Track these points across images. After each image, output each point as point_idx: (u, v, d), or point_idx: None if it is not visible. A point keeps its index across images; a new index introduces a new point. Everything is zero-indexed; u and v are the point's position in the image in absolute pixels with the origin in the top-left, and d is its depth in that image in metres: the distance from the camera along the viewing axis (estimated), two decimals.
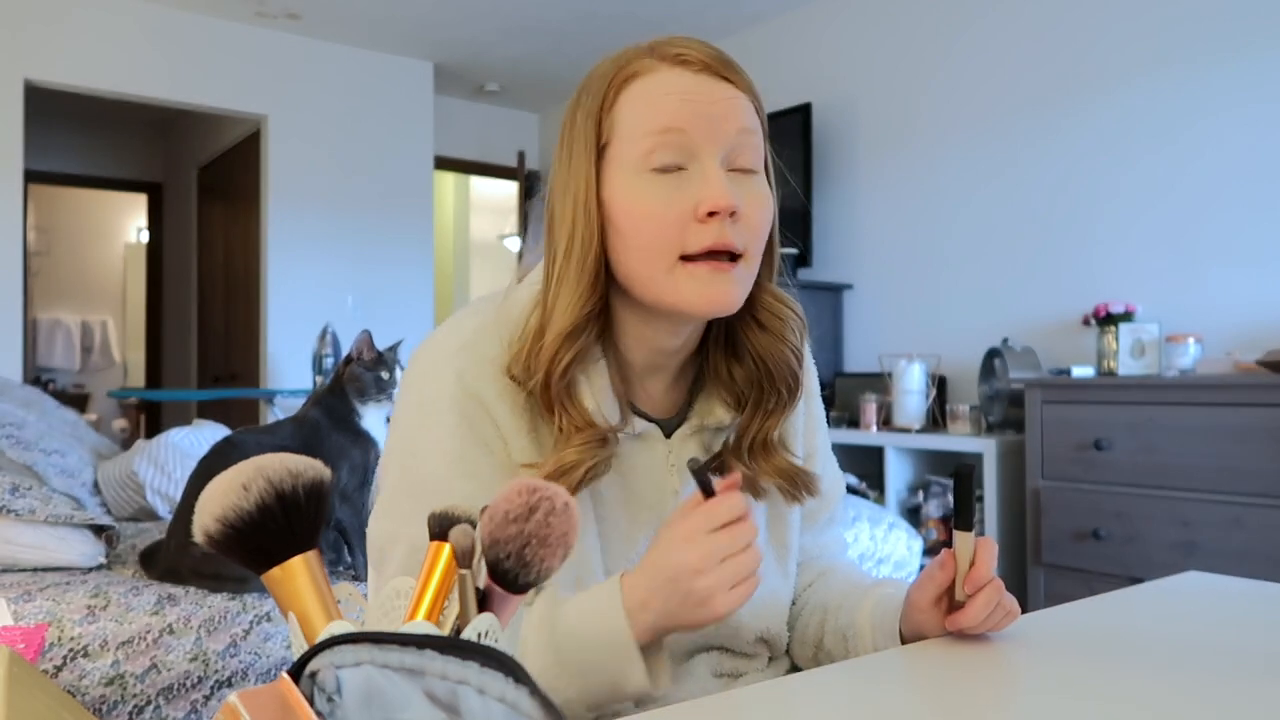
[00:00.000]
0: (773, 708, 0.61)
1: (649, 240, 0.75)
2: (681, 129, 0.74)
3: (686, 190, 0.74)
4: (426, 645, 0.35)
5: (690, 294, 0.74)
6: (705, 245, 0.74)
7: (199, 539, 0.41)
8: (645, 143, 0.75)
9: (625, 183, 0.76)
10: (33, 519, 1.57)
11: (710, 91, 0.76)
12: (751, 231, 0.76)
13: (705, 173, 0.74)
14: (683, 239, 0.74)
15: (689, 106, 0.75)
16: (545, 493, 0.42)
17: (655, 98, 0.76)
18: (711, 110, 0.75)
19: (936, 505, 3.17)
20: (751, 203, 0.76)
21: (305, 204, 4.55)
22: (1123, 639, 0.75)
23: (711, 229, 0.73)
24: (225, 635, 1.46)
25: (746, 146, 0.77)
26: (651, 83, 0.77)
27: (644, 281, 0.76)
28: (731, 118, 0.76)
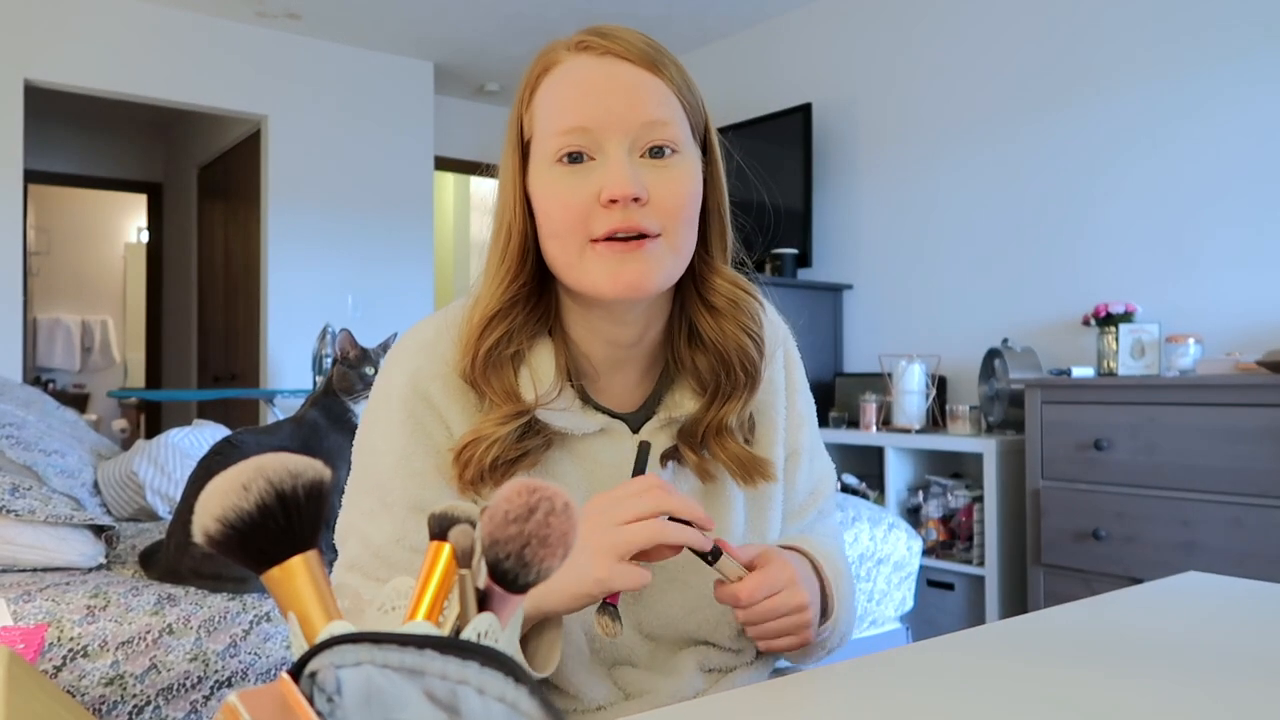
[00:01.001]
0: (767, 708, 0.61)
1: (559, 227, 0.77)
2: (585, 128, 0.76)
3: (592, 178, 0.76)
4: (426, 645, 0.35)
5: (600, 277, 0.76)
6: (608, 229, 0.75)
7: (199, 539, 0.41)
8: (554, 141, 0.77)
9: (540, 174, 0.79)
10: (33, 519, 1.57)
11: (614, 78, 0.77)
12: (665, 213, 0.77)
13: (609, 162, 0.76)
14: (588, 225, 0.76)
15: (591, 99, 0.76)
16: (545, 493, 0.42)
17: (561, 92, 0.78)
18: (614, 101, 0.76)
19: (936, 505, 3.17)
20: (663, 185, 0.77)
21: (305, 204, 4.55)
22: (1123, 639, 0.75)
23: (615, 214, 0.75)
24: (225, 635, 1.46)
25: (654, 134, 0.77)
26: (559, 75, 0.79)
27: (562, 268, 0.79)
28: (637, 106, 0.76)
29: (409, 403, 0.80)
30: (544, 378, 0.81)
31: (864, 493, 3.35)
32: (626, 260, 0.76)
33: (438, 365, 0.81)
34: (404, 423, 0.80)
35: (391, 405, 0.81)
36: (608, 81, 0.77)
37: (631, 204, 0.75)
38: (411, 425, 0.80)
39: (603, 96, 0.76)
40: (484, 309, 0.80)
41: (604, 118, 0.76)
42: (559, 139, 0.76)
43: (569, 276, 0.78)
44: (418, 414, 0.80)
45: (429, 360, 0.81)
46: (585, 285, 0.77)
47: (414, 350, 0.82)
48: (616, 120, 0.76)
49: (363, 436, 0.85)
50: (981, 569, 2.94)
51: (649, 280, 0.76)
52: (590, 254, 0.76)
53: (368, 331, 2.79)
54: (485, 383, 0.79)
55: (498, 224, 0.82)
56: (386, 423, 0.81)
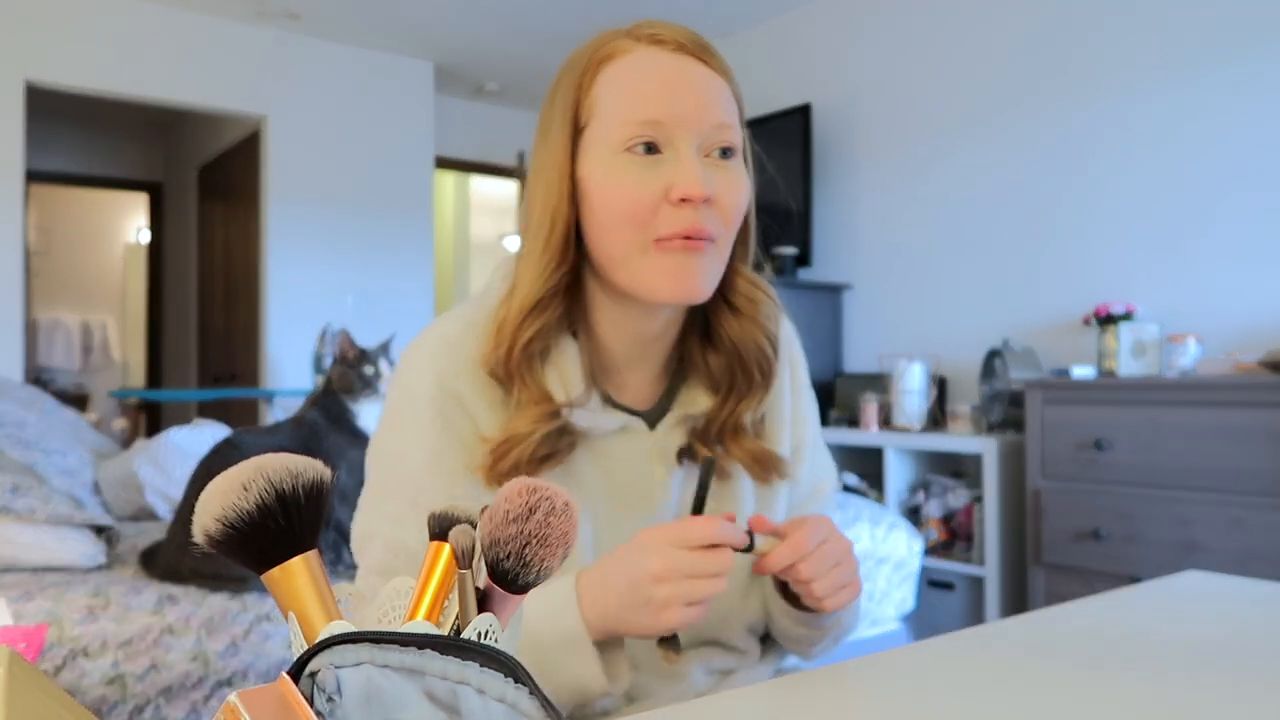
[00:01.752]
0: (768, 708, 0.61)
1: (623, 220, 0.75)
2: (659, 121, 0.74)
3: (661, 173, 0.74)
4: (426, 645, 0.35)
5: (658, 278, 0.75)
6: (676, 229, 0.74)
7: (199, 539, 0.41)
8: (624, 130, 0.75)
9: (601, 162, 0.76)
10: (33, 519, 1.57)
11: (687, 74, 0.76)
12: (725, 217, 0.76)
13: (680, 158, 0.74)
14: (655, 222, 0.74)
15: (666, 92, 0.75)
16: (545, 493, 0.42)
17: (632, 82, 0.76)
18: (689, 97, 0.75)
19: (936, 505, 3.17)
20: (726, 188, 0.76)
21: (305, 204, 4.55)
22: (1123, 639, 0.75)
23: (684, 214, 0.74)
24: (225, 635, 1.46)
25: (722, 135, 0.77)
26: (628, 64, 0.77)
27: (616, 263, 0.77)
28: (710, 106, 0.76)
29: (437, 401, 0.78)
30: (571, 377, 0.79)
31: (864, 493, 3.35)
32: (688, 263, 0.74)
33: (463, 362, 0.79)
34: (433, 422, 0.78)
35: (418, 406, 0.78)
36: (681, 77, 0.76)
37: (701, 205, 0.74)
38: (441, 424, 0.78)
39: (678, 92, 0.75)
40: (523, 299, 0.77)
41: (678, 113, 0.74)
42: (630, 128, 0.74)
43: (620, 273, 0.76)
44: (447, 412, 0.78)
45: (453, 358, 0.79)
46: (639, 285, 0.75)
47: (438, 348, 0.80)
48: (690, 117, 0.75)
49: (385, 440, 0.81)
50: (981, 569, 2.94)
51: (705, 285, 0.76)
52: (652, 253, 0.75)
53: (368, 332, 2.80)
54: (519, 379, 0.77)
55: (539, 211, 0.78)
56: (414, 424, 0.79)
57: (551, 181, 0.78)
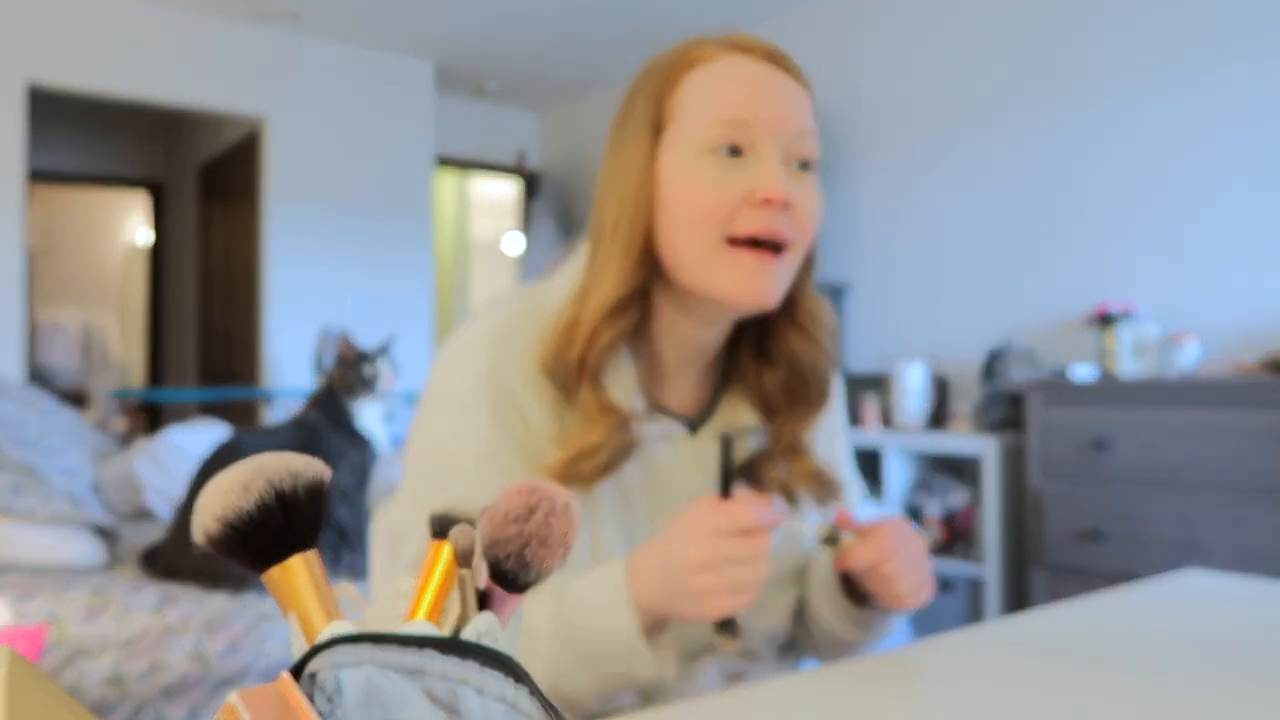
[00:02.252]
0: (769, 708, 0.61)
1: (698, 218, 0.74)
2: (745, 121, 0.74)
3: (743, 175, 0.74)
4: (426, 645, 0.35)
5: (732, 281, 0.74)
6: (754, 230, 0.73)
7: (199, 539, 0.41)
8: (709, 130, 0.74)
9: (681, 162, 0.75)
10: (33, 519, 1.57)
11: (774, 82, 0.77)
12: (801, 225, 0.76)
13: (762, 161, 0.74)
14: (732, 221, 0.74)
15: (754, 97, 0.75)
16: (545, 493, 0.42)
17: (720, 84, 0.76)
18: (775, 104, 0.76)
19: (937, 505, 3.17)
20: (805, 198, 0.76)
21: (305, 204, 4.55)
22: (1123, 638, 0.75)
23: (762, 215, 0.73)
24: (225, 635, 1.46)
25: (805, 144, 0.77)
26: (715, 69, 0.77)
27: (688, 264, 0.75)
28: (794, 115, 0.76)
29: (490, 396, 0.76)
30: (629, 385, 0.78)
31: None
32: (762, 269, 0.74)
33: (514, 356, 0.77)
34: (488, 419, 0.75)
35: (468, 400, 0.76)
36: (770, 84, 0.76)
37: (781, 208, 0.74)
38: (495, 421, 0.76)
39: (765, 96, 0.75)
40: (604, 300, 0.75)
41: (765, 116, 0.75)
42: (716, 128, 0.74)
43: (694, 274, 0.75)
44: (500, 408, 0.76)
45: (504, 352, 0.77)
46: (712, 286, 0.74)
47: (485, 342, 0.77)
48: (776, 122, 0.75)
49: (428, 431, 0.78)
50: (981, 569, 2.94)
51: (777, 292, 0.75)
52: (726, 254, 0.74)
53: (368, 332, 2.80)
54: (590, 384, 0.75)
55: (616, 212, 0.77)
56: (463, 420, 0.76)
57: (630, 183, 0.77)
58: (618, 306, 0.75)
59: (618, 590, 0.69)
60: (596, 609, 0.70)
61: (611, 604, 0.69)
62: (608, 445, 0.74)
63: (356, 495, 1.72)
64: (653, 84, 0.78)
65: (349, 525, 1.71)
